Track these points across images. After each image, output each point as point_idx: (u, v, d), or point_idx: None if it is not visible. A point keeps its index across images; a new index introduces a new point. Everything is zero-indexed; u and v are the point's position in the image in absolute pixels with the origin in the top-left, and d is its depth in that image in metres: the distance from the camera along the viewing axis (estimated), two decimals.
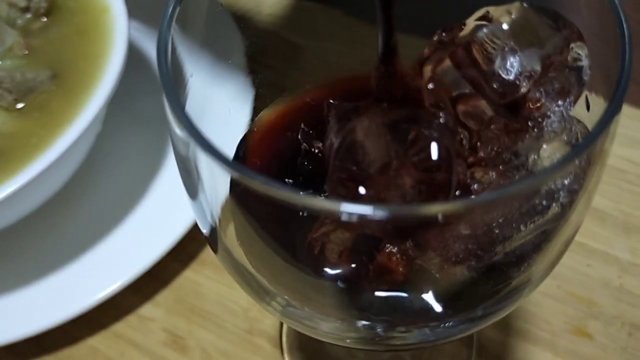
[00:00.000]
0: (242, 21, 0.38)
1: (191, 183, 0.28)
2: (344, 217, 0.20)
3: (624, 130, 0.57)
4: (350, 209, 0.20)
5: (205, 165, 0.24)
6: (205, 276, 0.51)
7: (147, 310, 0.50)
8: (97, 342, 0.48)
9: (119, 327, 0.49)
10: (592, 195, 0.26)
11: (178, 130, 0.25)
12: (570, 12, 0.30)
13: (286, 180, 0.30)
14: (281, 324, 0.49)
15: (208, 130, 0.25)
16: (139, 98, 0.58)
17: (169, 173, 0.54)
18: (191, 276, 0.51)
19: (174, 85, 0.24)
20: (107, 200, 0.53)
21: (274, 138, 0.34)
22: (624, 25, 0.25)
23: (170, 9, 0.26)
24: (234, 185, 0.23)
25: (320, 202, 0.20)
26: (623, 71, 0.22)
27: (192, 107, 0.30)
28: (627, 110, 0.57)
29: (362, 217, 0.20)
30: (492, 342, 0.47)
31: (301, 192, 0.20)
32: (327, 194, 0.25)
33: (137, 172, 0.54)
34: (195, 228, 0.51)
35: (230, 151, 0.35)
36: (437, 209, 0.20)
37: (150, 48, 0.60)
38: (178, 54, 0.28)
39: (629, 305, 0.48)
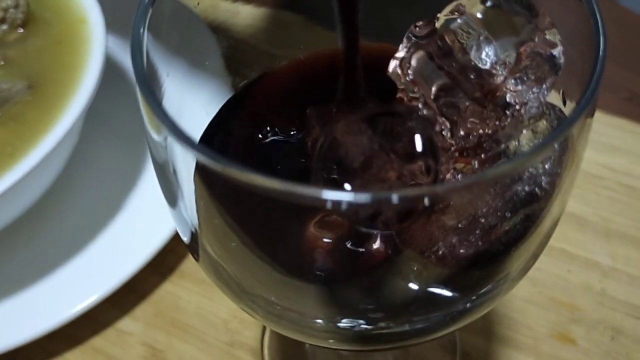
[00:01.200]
0: (218, 31, 0.38)
1: (170, 190, 0.28)
2: (328, 205, 0.20)
3: (601, 138, 0.57)
4: (332, 196, 0.20)
5: (182, 160, 0.24)
6: (185, 289, 0.50)
7: (126, 324, 0.49)
8: (74, 357, 0.47)
9: (96, 341, 0.48)
10: (573, 182, 0.26)
11: (155, 135, 0.25)
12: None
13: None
14: (262, 336, 0.48)
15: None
16: (117, 112, 0.57)
17: (147, 185, 0.53)
18: (170, 289, 0.50)
19: (149, 83, 0.24)
20: (84, 213, 0.52)
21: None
22: (599, 18, 0.25)
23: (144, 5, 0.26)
24: (207, 174, 0.23)
25: (303, 190, 0.20)
26: (598, 52, 0.22)
27: (169, 110, 0.30)
28: (604, 118, 0.58)
29: (344, 205, 0.20)
30: (475, 349, 0.46)
31: (283, 181, 0.20)
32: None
33: (115, 185, 0.54)
34: (173, 240, 0.51)
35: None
36: (418, 192, 0.20)
37: (128, 61, 0.60)
38: (152, 58, 0.28)
39: (611, 310, 0.48)
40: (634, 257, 0.50)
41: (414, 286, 0.26)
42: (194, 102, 0.35)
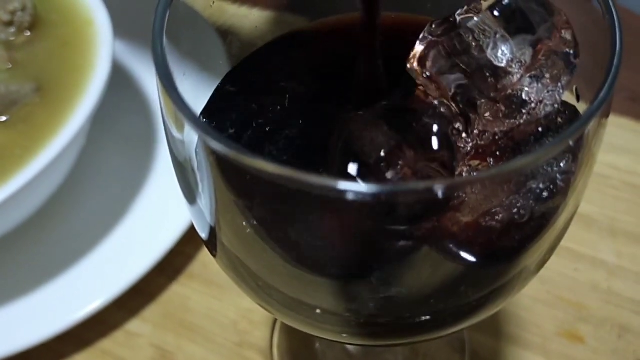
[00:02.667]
0: (226, 34, 0.38)
1: (189, 187, 0.28)
2: (345, 198, 0.20)
3: (606, 137, 0.57)
4: (349, 187, 0.20)
5: (202, 155, 0.24)
6: (194, 290, 0.50)
7: (134, 325, 0.49)
8: (84, 359, 0.47)
9: (105, 343, 0.48)
10: (587, 181, 0.26)
11: (176, 132, 0.25)
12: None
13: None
14: (271, 336, 0.48)
15: None
16: (122, 114, 0.57)
17: (154, 187, 0.53)
18: (179, 290, 0.50)
19: (172, 81, 0.24)
20: (91, 215, 0.52)
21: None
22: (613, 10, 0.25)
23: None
24: (227, 168, 0.23)
25: (322, 182, 0.20)
26: (614, 56, 0.23)
27: None
28: (610, 118, 0.58)
29: (360, 197, 0.20)
30: (484, 347, 0.47)
31: (301, 173, 0.20)
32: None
33: (122, 187, 0.54)
34: (181, 242, 0.51)
35: None
36: (434, 184, 0.20)
37: (134, 67, 0.60)
38: (168, 59, 0.28)
39: (618, 308, 0.48)
40: (639, 255, 0.51)
41: (430, 280, 0.27)
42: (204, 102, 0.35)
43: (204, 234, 0.30)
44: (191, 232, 0.51)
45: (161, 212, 0.52)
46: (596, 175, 0.55)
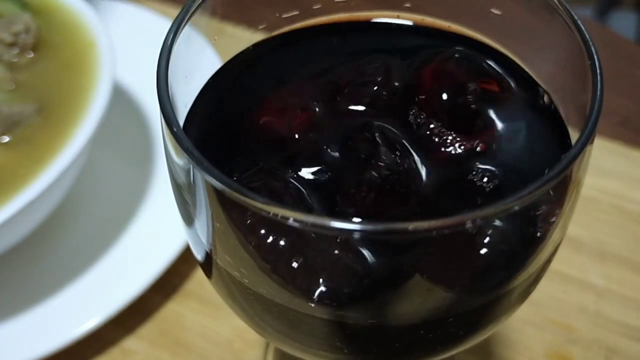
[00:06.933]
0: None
1: (187, 210, 0.29)
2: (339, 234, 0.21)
3: (595, 162, 0.59)
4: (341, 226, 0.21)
5: (201, 184, 0.25)
6: (189, 308, 0.51)
7: (131, 343, 0.50)
8: None
9: None
10: (574, 208, 0.28)
11: (176, 159, 0.26)
12: (542, 48, 0.33)
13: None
14: (265, 356, 0.49)
15: None
16: (122, 136, 0.58)
17: (151, 207, 0.54)
18: (175, 308, 0.51)
19: (175, 115, 0.25)
20: (89, 234, 0.53)
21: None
22: (595, 57, 0.27)
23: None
24: (225, 199, 0.24)
25: (317, 221, 0.21)
26: (595, 103, 0.24)
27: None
28: (597, 142, 0.60)
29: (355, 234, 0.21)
30: None
31: (297, 213, 0.21)
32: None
33: (120, 206, 0.54)
34: (178, 261, 0.52)
35: None
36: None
37: (134, 87, 0.61)
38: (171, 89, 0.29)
39: (605, 330, 0.49)
40: (627, 278, 0.52)
41: (420, 309, 0.28)
42: None
43: (199, 256, 0.30)
44: (187, 251, 0.52)
45: (158, 231, 0.52)
46: (586, 199, 0.56)
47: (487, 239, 0.24)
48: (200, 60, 0.32)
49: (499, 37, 0.33)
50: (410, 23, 0.35)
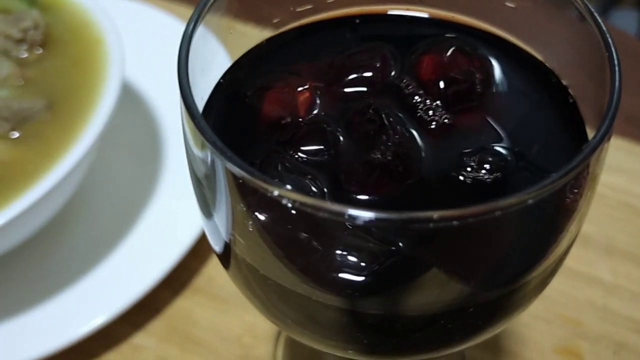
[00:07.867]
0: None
1: (206, 202, 0.29)
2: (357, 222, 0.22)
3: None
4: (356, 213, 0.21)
5: (221, 174, 0.25)
6: (198, 304, 0.51)
7: (140, 339, 0.50)
8: None
9: (111, 356, 0.49)
10: (590, 202, 0.28)
11: (197, 151, 0.26)
12: (556, 40, 0.33)
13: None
14: (274, 351, 0.49)
15: None
16: (131, 132, 0.58)
17: (160, 203, 0.54)
18: (184, 304, 0.51)
19: (195, 105, 0.25)
20: (98, 230, 0.53)
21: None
22: (612, 49, 0.27)
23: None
24: (246, 188, 0.24)
25: (333, 208, 0.22)
26: (612, 99, 0.24)
27: None
28: None
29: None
30: None
31: (316, 201, 0.21)
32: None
33: (128, 202, 0.54)
34: (187, 257, 0.52)
35: None
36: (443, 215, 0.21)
37: (143, 84, 0.61)
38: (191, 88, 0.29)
39: (613, 325, 0.49)
40: (635, 273, 0.52)
41: (437, 302, 0.28)
42: None
43: (217, 247, 0.30)
44: (196, 246, 0.52)
45: (167, 227, 0.52)
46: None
47: (510, 229, 0.24)
48: (215, 55, 0.32)
49: (513, 30, 0.33)
50: (425, 15, 0.35)
